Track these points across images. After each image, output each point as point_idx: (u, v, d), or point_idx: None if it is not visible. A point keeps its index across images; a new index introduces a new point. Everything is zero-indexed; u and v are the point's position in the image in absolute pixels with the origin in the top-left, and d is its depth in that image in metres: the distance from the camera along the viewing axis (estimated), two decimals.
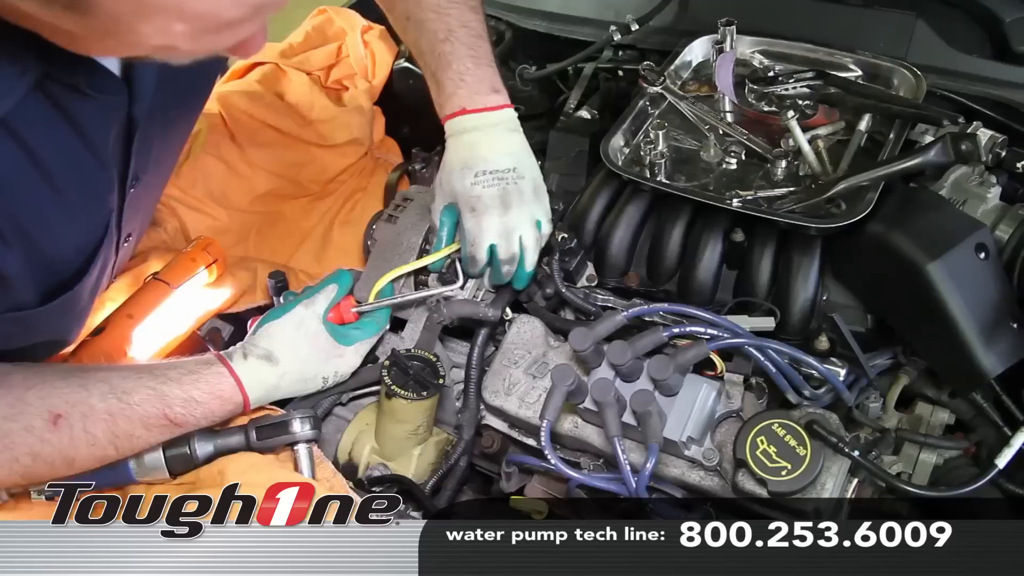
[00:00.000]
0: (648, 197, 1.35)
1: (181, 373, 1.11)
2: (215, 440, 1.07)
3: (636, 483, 1.06)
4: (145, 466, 1.06)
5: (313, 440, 1.11)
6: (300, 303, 1.23)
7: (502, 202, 1.25)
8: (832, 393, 1.14)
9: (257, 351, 1.18)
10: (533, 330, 1.27)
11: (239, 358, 1.16)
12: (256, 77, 1.72)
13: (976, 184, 1.21)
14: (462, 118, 1.27)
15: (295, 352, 1.19)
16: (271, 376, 1.17)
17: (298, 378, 1.20)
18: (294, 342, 1.20)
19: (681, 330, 1.13)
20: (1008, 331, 1.11)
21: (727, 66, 1.43)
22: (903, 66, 1.40)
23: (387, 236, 1.40)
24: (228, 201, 1.60)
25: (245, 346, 1.19)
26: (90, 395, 1.06)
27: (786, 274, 1.25)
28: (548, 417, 1.09)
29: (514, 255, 1.28)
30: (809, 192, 1.25)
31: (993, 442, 1.19)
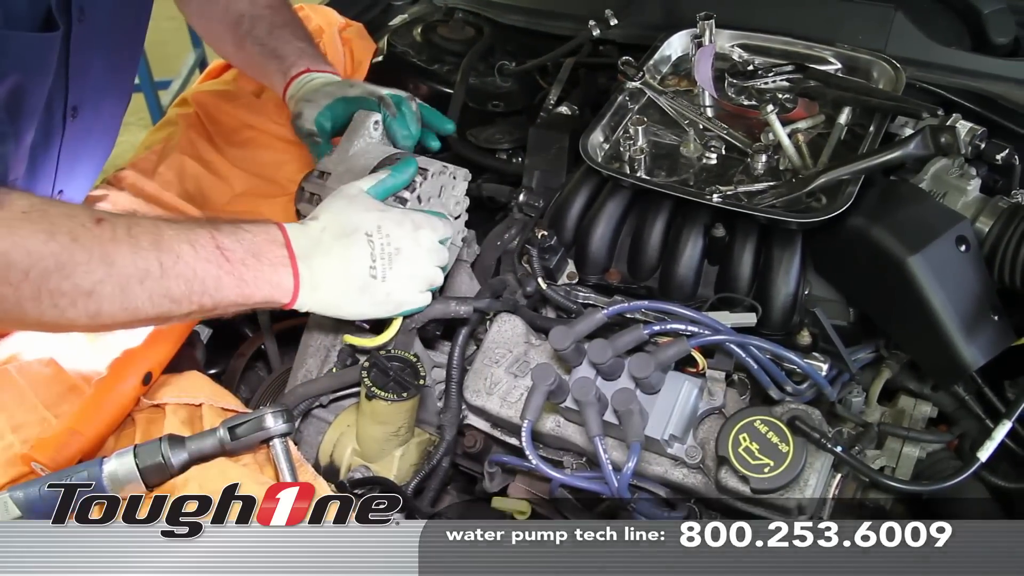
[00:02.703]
0: (628, 193, 1.34)
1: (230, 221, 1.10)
2: (189, 446, 1.06)
3: (618, 482, 1.05)
4: (119, 479, 1.03)
5: (287, 434, 1.09)
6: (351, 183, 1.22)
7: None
8: (814, 388, 1.14)
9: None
10: (514, 328, 1.26)
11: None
12: (232, 76, 1.70)
13: (956, 176, 1.21)
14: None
15: (334, 207, 1.15)
16: (313, 228, 1.13)
17: (340, 231, 1.13)
18: (333, 203, 1.16)
19: (662, 327, 1.12)
20: (989, 323, 1.11)
21: (706, 60, 1.43)
22: (882, 59, 1.40)
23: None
24: (206, 201, 1.58)
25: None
26: (136, 216, 1.02)
27: (767, 269, 1.24)
28: (529, 417, 1.08)
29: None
30: (789, 186, 1.25)
31: (976, 435, 1.19)
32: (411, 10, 1.91)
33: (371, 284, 1.13)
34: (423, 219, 1.18)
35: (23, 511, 1.01)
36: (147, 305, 1.02)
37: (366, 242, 1.13)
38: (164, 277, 1.01)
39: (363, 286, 1.13)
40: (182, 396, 1.18)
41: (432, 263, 1.18)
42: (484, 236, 1.42)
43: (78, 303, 0.98)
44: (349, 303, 1.14)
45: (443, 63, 1.74)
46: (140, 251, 0.99)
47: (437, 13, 1.88)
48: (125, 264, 0.99)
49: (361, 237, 1.13)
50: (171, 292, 1.02)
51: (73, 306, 0.98)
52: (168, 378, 1.25)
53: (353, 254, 1.12)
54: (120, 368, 1.20)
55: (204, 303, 1.06)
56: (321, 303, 1.13)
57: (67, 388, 1.22)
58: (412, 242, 1.15)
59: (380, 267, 1.13)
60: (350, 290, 1.13)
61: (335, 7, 1.82)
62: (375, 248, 1.13)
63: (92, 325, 1.02)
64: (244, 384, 1.47)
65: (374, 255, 1.13)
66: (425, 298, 1.19)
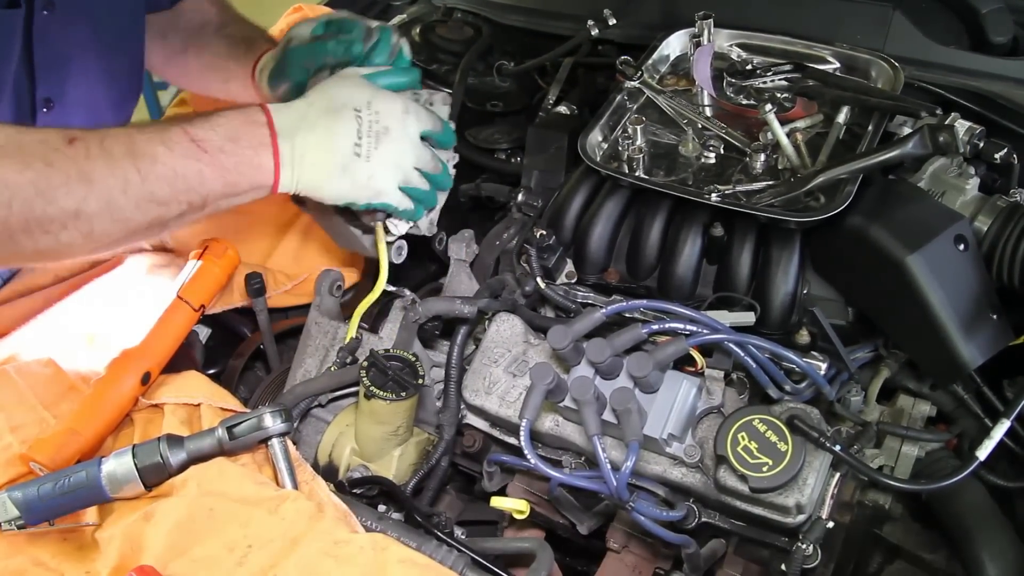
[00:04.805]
0: (627, 192, 1.34)
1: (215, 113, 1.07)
2: (187, 446, 1.06)
3: (617, 481, 1.05)
4: (118, 479, 1.03)
5: (286, 434, 1.09)
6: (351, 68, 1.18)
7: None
8: (813, 387, 1.14)
9: (290, 86, 1.16)
10: (513, 328, 1.26)
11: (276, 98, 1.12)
12: None
13: (954, 175, 1.21)
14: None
15: (326, 85, 1.12)
16: (299, 105, 1.10)
17: (327, 107, 1.09)
18: (327, 82, 1.14)
19: (661, 326, 1.12)
20: (988, 322, 1.11)
21: (705, 60, 1.43)
22: (881, 58, 1.40)
23: None
24: None
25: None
26: (108, 129, 1.01)
27: (766, 268, 1.24)
28: (527, 416, 1.08)
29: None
30: (788, 185, 1.25)
31: (974, 433, 1.19)
32: (410, 10, 1.91)
33: (354, 163, 1.11)
34: (415, 107, 1.16)
35: (22, 511, 1.01)
36: (136, 214, 1.01)
37: (354, 117, 1.09)
38: (145, 182, 1.00)
39: (345, 164, 1.10)
40: (180, 396, 1.18)
41: (417, 157, 1.16)
42: (483, 236, 1.42)
43: (68, 225, 0.98)
44: (330, 183, 1.11)
45: (442, 63, 1.73)
46: (115, 161, 0.98)
47: (436, 13, 1.88)
48: (103, 177, 0.98)
49: (349, 112, 1.09)
50: (156, 195, 1.02)
51: (64, 229, 0.99)
52: (167, 378, 1.25)
53: (339, 128, 1.09)
54: (119, 368, 1.20)
55: (193, 200, 1.04)
56: (303, 182, 1.10)
57: (66, 388, 1.22)
58: (400, 125, 1.13)
59: (365, 145, 1.11)
60: (332, 168, 1.10)
61: (333, 7, 1.82)
62: (363, 124, 1.10)
63: (91, 246, 1.02)
64: (243, 384, 1.47)
65: (360, 131, 1.10)
66: (403, 199, 1.17)
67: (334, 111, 1.09)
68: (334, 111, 1.09)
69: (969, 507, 1.13)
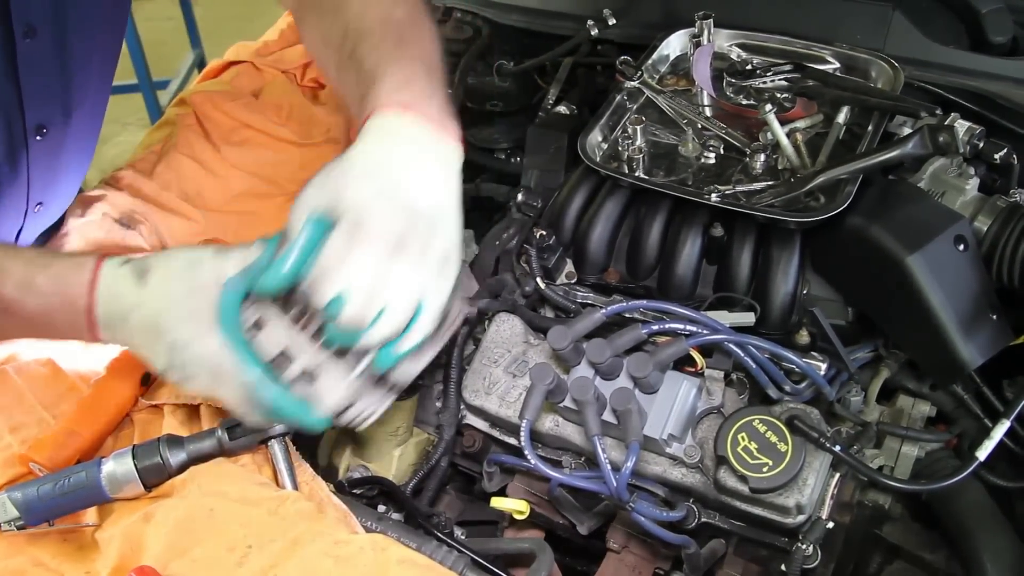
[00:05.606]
0: (627, 193, 1.34)
1: (55, 258, 0.97)
2: (187, 446, 1.06)
3: (617, 482, 1.05)
4: (118, 480, 1.03)
5: (286, 434, 1.09)
6: (217, 249, 0.98)
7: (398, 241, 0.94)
8: (813, 388, 1.14)
9: (140, 262, 0.95)
10: (512, 328, 1.26)
11: (119, 261, 0.95)
12: (231, 76, 1.70)
13: (954, 175, 1.21)
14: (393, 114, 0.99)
15: (167, 285, 0.95)
16: (131, 296, 0.95)
17: (151, 322, 0.95)
18: (176, 274, 0.96)
19: (660, 327, 1.12)
20: (988, 323, 1.11)
21: (704, 60, 1.43)
22: (880, 58, 1.40)
23: None
24: (203, 201, 1.58)
25: (143, 256, 0.98)
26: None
27: (766, 268, 1.24)
28: (527, 417, 1.08)
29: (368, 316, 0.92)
30: (788, 186, 1.25)
31: (974, 434, 1.19)
32: None
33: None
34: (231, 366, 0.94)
35: (21, 512, 1.00)
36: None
37: (165, 351, 0.96)
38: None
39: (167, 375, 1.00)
40: (180, 396, 1.18)
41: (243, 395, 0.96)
42: (482, 236, 1.42)
43: None
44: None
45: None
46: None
47: (435, 13, 1.88)
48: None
49: (162, 349, 0.96)
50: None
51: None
52: None
53: (157, 346, 0.97)
54: (118, 368, 1.20)
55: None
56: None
57: (65, 388, 1.21)
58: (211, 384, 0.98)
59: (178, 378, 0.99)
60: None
61: None
62: (173, 362, 0.97)
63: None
64: None
65: (171, 366, 0.98)
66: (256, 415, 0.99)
67: (155, 330, 0.95)
68: (155, 330, 0.95)
69: (969, 507, 1.13)
